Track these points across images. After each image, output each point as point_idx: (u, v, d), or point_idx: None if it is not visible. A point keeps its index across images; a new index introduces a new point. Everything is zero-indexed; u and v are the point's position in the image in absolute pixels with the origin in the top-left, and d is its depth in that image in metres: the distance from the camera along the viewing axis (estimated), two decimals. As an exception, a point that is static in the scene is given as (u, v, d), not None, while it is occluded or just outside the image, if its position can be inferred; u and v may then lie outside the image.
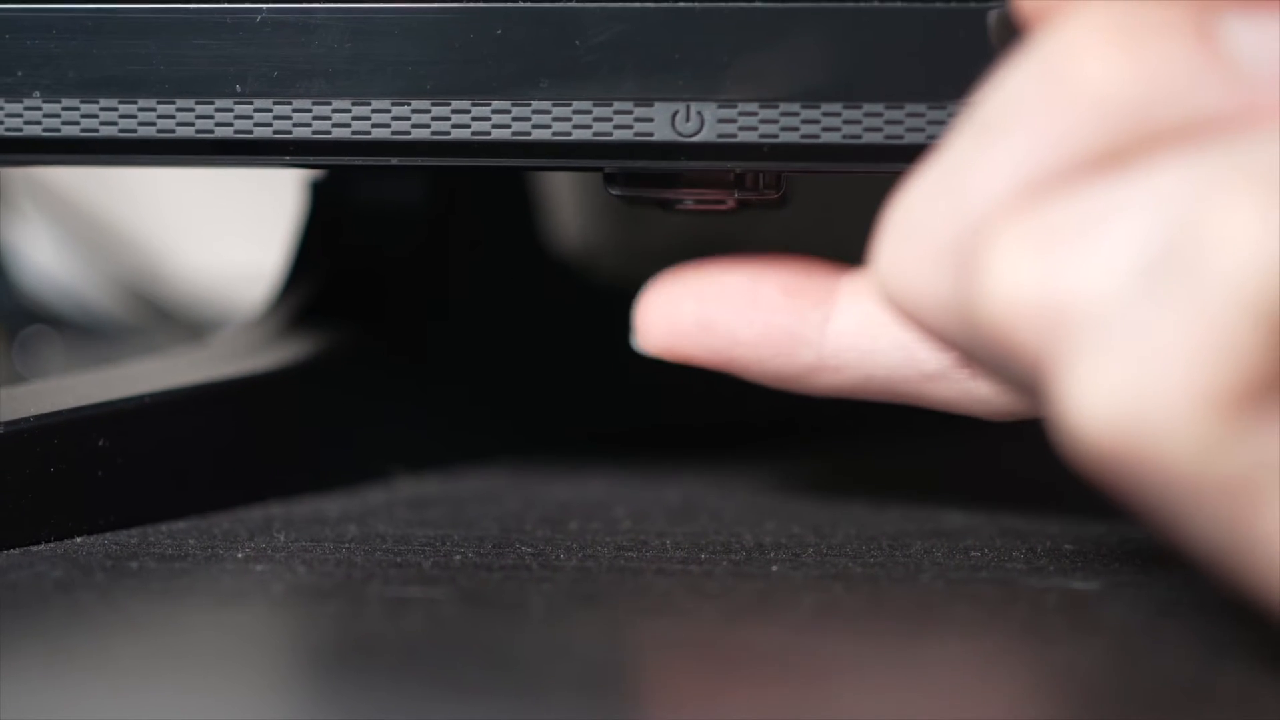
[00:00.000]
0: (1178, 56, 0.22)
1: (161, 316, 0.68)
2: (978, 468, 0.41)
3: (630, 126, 0.30)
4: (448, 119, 0.30)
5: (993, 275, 0.22)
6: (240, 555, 0.31)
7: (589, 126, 0.30)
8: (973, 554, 0.32)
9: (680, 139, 0.29)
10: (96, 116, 0.31)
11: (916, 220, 0.23)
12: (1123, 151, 0.22)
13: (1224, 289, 0.20)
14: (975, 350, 0.23)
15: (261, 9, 0.30)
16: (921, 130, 0.29)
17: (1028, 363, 0.22)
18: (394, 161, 0.31)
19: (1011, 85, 0.23)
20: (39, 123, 0.31)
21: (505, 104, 0.30)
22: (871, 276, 0.24)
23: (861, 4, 0.29)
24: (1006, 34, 0.26)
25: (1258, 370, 0.20)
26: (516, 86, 0.30)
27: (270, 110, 0.30)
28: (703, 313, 0.31)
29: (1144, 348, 0.21)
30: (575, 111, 0.30)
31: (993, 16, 0.28)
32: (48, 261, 0.70)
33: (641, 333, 0.32)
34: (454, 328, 0.42)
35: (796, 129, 0.29)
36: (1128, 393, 0.21)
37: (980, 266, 0.22)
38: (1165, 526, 0.22)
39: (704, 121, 0.29)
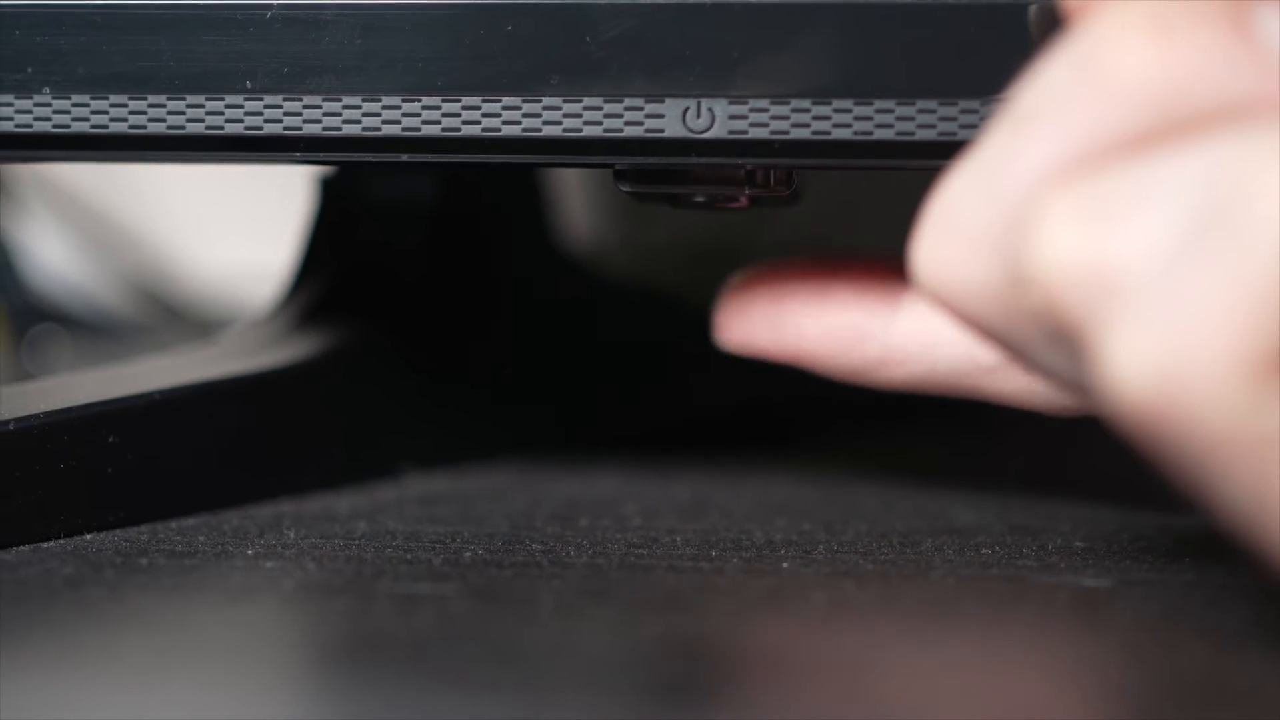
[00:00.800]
0: (1211, 46, 0.23)
1: (170, 314, 0.68)
2: (988, 464, 0.41)
3: (641, 123, 0.29)
4: (458, 115, 0.30)
5: (1040, 245, 0.23)
6: (250, 552, 0.31)
7: (599, 123, 0.30)
8: (983, 551, 0.32)
9: (691, 135, 0.29)
10: (106, 113, 0.31)
11: (956, 211, 0.24)
12: (1157, 136, 0.23)
13: (1258, 257, 0.21)
14: (1013, 336, 0.24)
15: (272, 5, 0.30)
16: (932, 126, 0.29)
17: (1072, 332, 0.23)
18: (404, 158, 0.30)
19: (1048, 77, 0.23)
20: (48, 119, 0.31)
21: (516, 100, 0.30)
22: (911, 269, 0.25)
23: (871, 0, 0.29)
24: (1048, 27, 0.27)
25: None
26: (527, 83, 0.30)
27: (280, 107, 0.30)
28: (774, 309, 0.32)
29: (1182, 312, 0.21)
30: (586, 108, 0.30)
31: (1033, 10, 0.28)
32: (56, 259, 0.70)
33: (719, 328, 0.33)
34: (463, 325, 0.41)
35: (807, 125, 0.29)
36: (1165, 355, 0.21)
37: (1027, 239, 0.23)
38: (1199, 491, 0.22)
39: (715, 118, 0.29)
